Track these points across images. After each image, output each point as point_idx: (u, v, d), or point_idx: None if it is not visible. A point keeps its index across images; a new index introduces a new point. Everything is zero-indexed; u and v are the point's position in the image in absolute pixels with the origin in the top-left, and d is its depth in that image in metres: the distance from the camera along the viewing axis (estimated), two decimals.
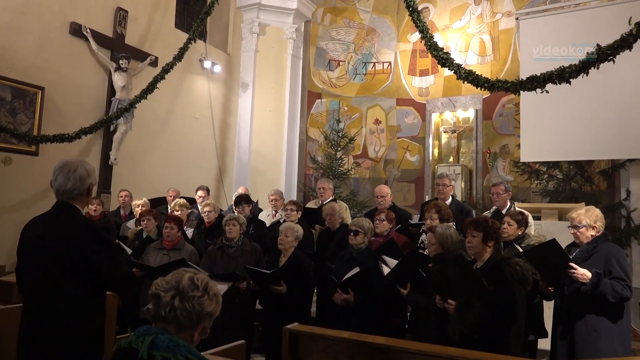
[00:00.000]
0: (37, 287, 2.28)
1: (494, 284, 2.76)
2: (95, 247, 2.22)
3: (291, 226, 4.18)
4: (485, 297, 2.74)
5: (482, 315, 2.72)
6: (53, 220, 2.33)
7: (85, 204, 2.42)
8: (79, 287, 2.22)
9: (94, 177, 2.43)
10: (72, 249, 2.20)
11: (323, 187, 5.68)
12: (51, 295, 2.22)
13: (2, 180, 5.83)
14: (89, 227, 2.29)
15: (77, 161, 2.44)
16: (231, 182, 9.20)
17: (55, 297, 2.21)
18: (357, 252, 3.94)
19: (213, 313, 1.54)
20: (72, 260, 2.20)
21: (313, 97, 10.20)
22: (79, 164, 2.40)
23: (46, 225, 2.33)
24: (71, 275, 2.20)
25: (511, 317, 2.75)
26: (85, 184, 2.37)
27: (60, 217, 2.33)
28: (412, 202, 9.63)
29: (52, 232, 2.27)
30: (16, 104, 5.96)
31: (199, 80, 8.72)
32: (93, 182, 2.42)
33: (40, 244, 2.28)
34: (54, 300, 2.21)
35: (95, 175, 2.47)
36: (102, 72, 7.03)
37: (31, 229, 2.37)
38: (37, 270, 2.29)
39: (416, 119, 9.99)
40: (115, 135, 6.99)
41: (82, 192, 2.37)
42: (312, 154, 9.88)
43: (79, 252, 2.19)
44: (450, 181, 5.03)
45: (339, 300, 3.71)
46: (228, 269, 4.06)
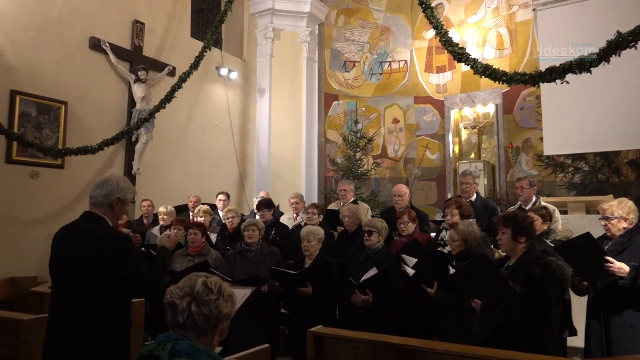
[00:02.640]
0: (62, 296, 2.33)
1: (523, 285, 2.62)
2: (116, 255, 2.26)
3: (311, 230, 4.16)
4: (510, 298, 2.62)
5: (504, 318, 2.62)
6: (78, 229, 2.39)
7: (113, 216, 2.47)
8: (103, 296, 2.25)
9: (124, 192, 2.48)
10: (94, 257, 2.24)
11: (344, 188, 5.66)
12: (75, 304, 2.26)
13: (30, 193, 5.99)
14: (110, 236, 2.33)
15: (115, 176, 2.54)
16: (252, 187, 9.26)
17: (80, 306, 2.25)
18: (374, 252, 3.89)
19: (230, 314, 1.54)
20: (94, 269, 2.24)
21: (330, 99, 10.20)
22: (112, 178, 2.50)
23: (71, 234, 2.39)
24: (94, 283, 2.24)
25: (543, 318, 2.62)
26: (111, 196, 2.44)
27: (85, 226, 2.39)
28: (435, 200, 9.53)
29: (76, 240, 2.33)
30: (41, 119, 6.12)
31: (216, 88, 8.81)
32: (122, 197, 2.47)
33: (66, 253, 2.34)
34: (79, 309, 2.25)
35: (131, 191, 2.54)
36: (121, 84, 7.16)
37: (58, 238, 2.44)
38: (62, 279, 2.35)
39: (435, 117, 9.88)
40: (137, 146, 7.11)
41: (106, 204, 2.43)
42: (331, 155, 9.87)
43: (100, 260, 2.24)
44: (474, 179, 4.95)
45: (358, 302, 3.68)
46: (248, 274, 4.07)
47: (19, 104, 5.89)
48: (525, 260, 2.75)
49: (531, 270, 2.63)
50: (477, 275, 2.85)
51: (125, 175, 7.00)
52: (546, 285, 2.62)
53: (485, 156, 9.37)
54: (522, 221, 2.87)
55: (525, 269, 2.66)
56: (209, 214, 5.56)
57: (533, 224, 2.98)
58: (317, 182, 9.74)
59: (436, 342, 3.05)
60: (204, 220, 5.31)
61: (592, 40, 6.42)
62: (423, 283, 3.52)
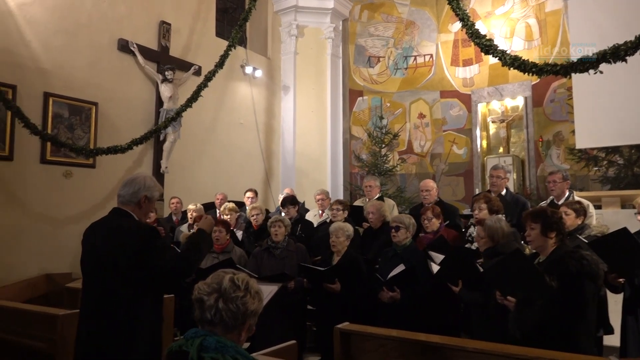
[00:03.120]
0: (93, 291, 2.38)
1: (558, 280, 2.56)
2: (144, 247, 2.29)
3: (341, 226, 4.15)
4: (548, 295, 2.55)
5: (543, 314, 2.55)
6: (107, 225, 2.45)
7: (141, 214, 2.52)
8: (133, 290, 2.29)
9: (150, 190, 2.53)
10: (123, 250, 2.29)
11: (370, 185, 5.63)
12: (106, 299, 2.31)
13: (64, 193, 6.17)
14: (137, 229, 2.38)
15: (142, 174, 2.59)
16: (278, 184, 9.31)
17: (111, 301, 2.29)
18: (401, 248, 3.86)
19: (257, 311, 1.54)
20: (124, 262, 2.28)
21: (354, 95, 10.15)
22: (139, 177, 2.56)
23: (100, 229, 2.46)
24: (124, 277, 2.28)
25: (579, 315, 2.55)
26: (138, 194, 2.48)
27: (113, 221, 2.45)
28: (462, 195, 9.38)
29: (105, 235, 2.39)
30: (73, 120, 6.30)
31: (241, 86, 8.89)
32: (149, 195, 2.51)
33: (95, 248, 2.40)
34: (110, 304, 2.29)
35: (157, 189, 2.58)
36: (149, 85, 7.29)
37: (88, 234, 2.51)
38: (92, 274, 2.40)
39: (462, 111, 9.72)
40: (164, 145, 7.24)
41: (134, 201, 2.48)
42: (356, 152, 9.83)
43: (129, 254, 2.28)
44: (505, 173, 4.83)
45: (386, 298, 3.65)
46: (275, 270, 4.09)
47: (52, 105, 6.07)
48: (560, 255, 2.67)
49: (567, 265, 2.55)
50: (512, 271, 2.76)
51: (154, 174, 7.18)
52: (582, 280, 2.54)
53: (514, 150, 9.18)
54: (551, 216, 2.80)
55: (561, 263, 2.58)
56: (235, 212, 5.62)
57: (562, 219, 2.90)
58: (343, 178, 9.72)
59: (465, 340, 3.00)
60: (230, 218, 5.37)
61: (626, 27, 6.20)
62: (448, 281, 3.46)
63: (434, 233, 4.29)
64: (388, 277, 3.67)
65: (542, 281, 2.58)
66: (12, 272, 5.53)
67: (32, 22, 5.97)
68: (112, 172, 6.66)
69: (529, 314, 2.57)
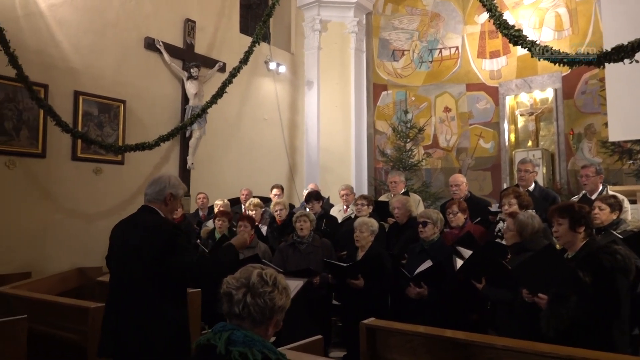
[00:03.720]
0: (119, 285, 2.46)
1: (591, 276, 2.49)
2: (167, 244, 2.36)
3: (365, 221, 4.14)
4: (582, 291, 2.49)
5: (579, 311, 2.48)
6: (134, 222, 2.54)
7: (167, 211, 2.60)
8: (157, 284, 2.35)
9: (175, 188, 2.61)
10: (148, 246, 2.36)
11: (394, 180, 5.59)
12: (132, 293, 2.37)
13: (94, 189, 6.33)
14: (162, 226, 2.45)
15: (166, 174, 2.71)
16: (302, 180, 9.33)
17: (136, 294, 2.36)
18: (429, 244, 3.82)
19: (284, 306, 1.55)
20: (148, 257, 2.35)
21: (379, 90, 10.07)
22: (164, 176, 2.66)
23: (128, 225, 2.55)
24: (149, 272, 2.34)
25: (613, 311, 2.49)
26: (163, 192, 2.57)
27: (140, 218, 2.54)
28: (489, 190, 9.22)
29: (132, 231, 2.48)
30: (102, 117, 6.44)
31: (265, 82, 8.92)
32: (174, 193, 2.59)
33: (122, 243, 2.48)
34: (135, 297, 2.36)
35: (181, 187, 2.68)
36: (175, 82, 7.40)
37: (116, 230, 2.61)
38: (119, 269, 2.48)
39: (489, 104, 9.55)
40: (190, 141, 7.34)
41: (160, 199, 2.57)
42: (381, 147, 9.76)
43: (153, 249, 2.35)
44: (534, 167, 4.72)
45: (413, 294, 3.62)
46: (300, 265, 4.10)
47: (82, 104, 6.23)
48: (592, 250, 2.60)
49: (601, 260, 2.48)
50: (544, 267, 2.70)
51: (180, 170, 7.30)
52: (616, 276, 2.47)
53: (543, 144, 8.96)
54: (578, 210, 2.75)
55: (595, 258, 2.51)
56: (260, 207, 5.66)
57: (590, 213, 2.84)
58: (367, 174, 9.68)
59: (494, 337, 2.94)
60: (255, 213, 5.41)
61: None
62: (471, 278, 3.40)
63: (459, 228, 4.23)
64: (415, 273, 3.63)
65: (575, 277, 2.51)
66: (46, 266, 5.71)
67: (62, 23, 6.12)
68: (140, 169, 6.79)
69: (563, 310, 2.51)
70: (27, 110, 5.69)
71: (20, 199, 5.64)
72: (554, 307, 2.57)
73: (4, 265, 5.36)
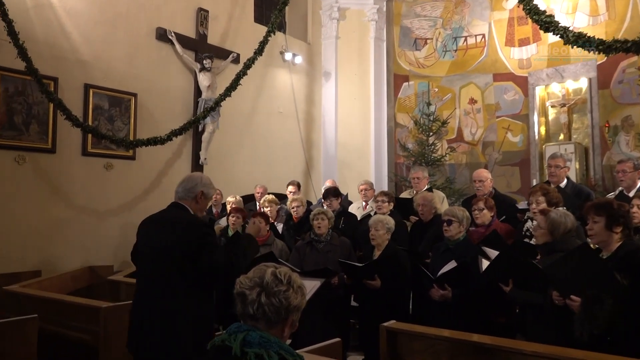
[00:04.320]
0: (147, 281, 2.54)
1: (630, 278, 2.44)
2: (198, 242, 2.47)
3: (380, 219, 4.13)
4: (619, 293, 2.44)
5: (615, 314, 2.43)
6: (164, 218, 2.65)
7: (197, 209, 2.74)
8: (187, 281, 2.44)
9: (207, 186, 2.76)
10: (178, 242, 2.47)
11: (417, 176, 5.56)
12: (160, 289, 2.46)
13: (105, 185, 6.43)
14: (193, 223, 2.56)
15: (198, 173, 2.91)
16: (319, 175, 9.33)
17: (163, 291, 2.44)
18: (454, 243, 3.78)
19: (300, 306, 1.56)
20: (179, 254, 2.45)
21: (400, 81, 10.00)
22: (196, 174, 2.86)
23: (157, 222, 2.66)
24: (179, 269, 2.44)
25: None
26: (195, 190, 2.71)
27: (170, 214, 2.66)
28: (517, 187, 9.10)
29: (162, 228, 2.58)
30: (113, 111, 6.54)
31: (281, 73, 8.93)
32: (205, 191, 2.73)
33: (152, 239, 2.58)
34: (162, 294, 2.44)
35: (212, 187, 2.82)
36: (188, 74, 7.46)
37: (144, 226, 2.72)
38: (148, 265, 2.57)
39: (517, 95, 9.40)
40: (203, 135, 7.40)
41: (191, 197, 2.71)
42: (402, 141, 9.70)
43: (184, 246, 2.45)
44: (565, 162, 4.64)
45: (436, 297, 3.60)
46: (318, 265, 4.11)
47: (92, 97, 6.32)
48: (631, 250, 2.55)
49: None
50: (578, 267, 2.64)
51: (193, 166, 7.37)
52: None
53: (576, 137, 8.80)
54: (617, 209, 2.70)
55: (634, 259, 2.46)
56: (275, 204, 5.67)
57: (629, 213, 2.78)
58: (387, 169, 9.64)
59: (523, 342, 2.91)
60: (270, 210, 5.43)
61: None
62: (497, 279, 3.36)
63: (486, 227, 4.18)
64: (439, 274, 3.61)
65: (612, 278, 2.46)
66: (56, 264, 5.83)
67: (72, 14, 6.21)
68: (152, 164, 6.87)
69: (599, 314, 2.45)
70: (37, 104, 5.80)
71: (30, 195, 5.75)
72: (588, 310, 2.52)
73: (13, 264, 5.49)
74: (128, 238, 6.39)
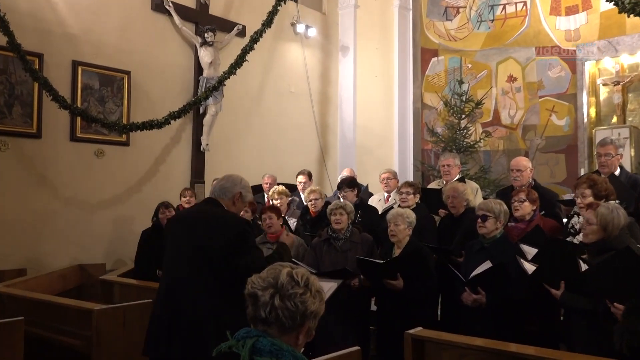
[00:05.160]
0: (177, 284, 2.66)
1: None
2: (238, 239, 2.62)
3: (399, 212, 4.13)
4: None
5: None
6: (199, 214, 2.80)
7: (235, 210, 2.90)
8: (219, 282, 2.57)
9: (246, 189, 2.98)
10: (217, 241, 2.60)
11: (447, 164, 5.53)
12: (190, 291, 2.58)
13: (96, 174, 6.51)
14: (235, 221, 2.72)
15: (237, 175, 3.08)
16: (335, 164, 9.34)
17: (194, 293, 2.57)
18: (489, 242, 3.76)
19: (317, 312, 1.56)
20: (217, 253, 2.58)
21: (428, 55, 9.97)
22: (235, 175, 3.05)
23: (191, 219, 2.81)
24: (213, 270, 2.57)
25: None
26: (233, 190, 2.89)
27: (207, 210, 2.80)
28: (563, 177, 9.07)
29: (196, 225, 2.72)
30: (104, 91, 6.60)
31: (292, 48, 8.92)
32: (244, 194, 2.94)
33: (184, 239, 2.71)
34: (193, 297, 2.57)
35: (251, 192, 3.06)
36: (187, 49, 7.48)
37: (174, 223, 2.90)
38: (178, 265, 2.70)
39: (563, 72, 9.33)
40: (205, 119, 7.43)
41: (229, 197, 2.88)
42: (429, 124, 9.69)
43: (224, 244, 2.59)
44: (616, 149, 4.58)
45: (469, 301, 3.59)
46: (336, 265, 4.12)
47: (81, 75, 6.39)
48: None
49: None
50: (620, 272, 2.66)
51: (193, 152, 7.42)
52: None
53: (632, 120, 8.72)
54: None
55: None
56: (286, 196, 5.69)
57: None
58: (413, 156, 9.64)
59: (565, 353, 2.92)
60: (280, 203, 5.44)
61: None
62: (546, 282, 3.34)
63: (527, 222, 4.15)
64: (471, 276, 3.60)
65: None
66: (43, 261, 5.93)
67: None
68: (148, 151, 6.94)
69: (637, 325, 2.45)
70: (20, 83, 5.89)
71: (13, 185, 5.86)
72: (628, 319, 2.51)
73: None
74: (121, 233, 6.55)
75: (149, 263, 5.18)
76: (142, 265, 5.31)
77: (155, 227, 5.48)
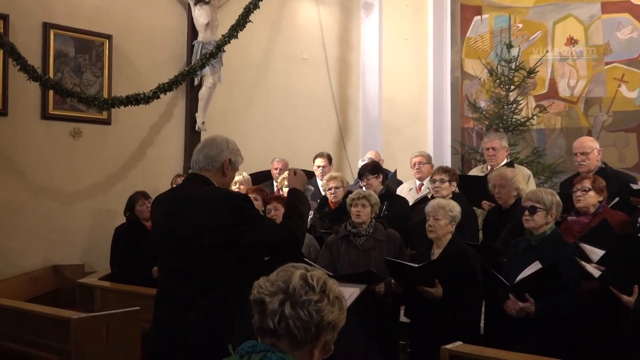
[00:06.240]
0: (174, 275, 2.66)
1: None
2: (238, 220, 2.56)
3: (441, 204, 4.12)
4: None
5: None
6: (186, 195, 2.71)
7: (223, 182, 2.81)
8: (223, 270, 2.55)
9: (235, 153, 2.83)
10: (213, 226, 2.55)
11: (493, 146, 5.53)
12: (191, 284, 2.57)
13: (72, 158, 6.56)
14: (227, 199, 2.65)
15: (222, 136, 2.91)
16: (356, 145, 9.34)
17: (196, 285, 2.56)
18: (538, 239, 3.76)
19: (336, 323, 1.56)
20: (212, 238, 2.54)
21: (469, 14, 9.93)
22: (220, 137, 2.87)
23: (176, 201, 2.74)
24: (213, 257, 2.55)
25: None
26: (221, 157, 2.76)
27: (193, 190, 2.70)
28: (634, 162, 9.03)
29: (183, 209, 2.65)
30: (81, 59, 6.63)
31: (304, 6, 8.89)
32: (233, 160, 2.80)
33: (171, 224, 2.68)
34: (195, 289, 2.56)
35: (240, 154, 2.89)
36: (179, 8, 7.49)
37: (159, 206, 2.84)
38: (172, 255, 2.69)
39: (636, 32, 9.23)
40: (201, 92, 7.44)
41: (216, 166, 2.76)
42: (471, 98, 9.65)
43: (221, 229, 2.54)
44: None
45: (514, 311, 3.59)
46: (357, 266, 4.14)
47: (53, 41, 6.41)
48: None
49: None
50: None
51: (187, 132, 7.44)
52: None
53: None
54: None
55: None
56: None
57: None
58: (451, 137, 9.62)
59: None
60: None
61: None
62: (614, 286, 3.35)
63: (591, 216, 4.14)
64: (517, 280, 3.60)
65: None
66: (10, 262, 5.99)
67: None
68: (133, 130, 6.98)
69: None
70: None
71: None
72: None
73: None
74: (102, 228, 6.57)
75: (127, 265, 5.25)
76: (119, 267, 5.39)
77: (132, 222, 5.53)
